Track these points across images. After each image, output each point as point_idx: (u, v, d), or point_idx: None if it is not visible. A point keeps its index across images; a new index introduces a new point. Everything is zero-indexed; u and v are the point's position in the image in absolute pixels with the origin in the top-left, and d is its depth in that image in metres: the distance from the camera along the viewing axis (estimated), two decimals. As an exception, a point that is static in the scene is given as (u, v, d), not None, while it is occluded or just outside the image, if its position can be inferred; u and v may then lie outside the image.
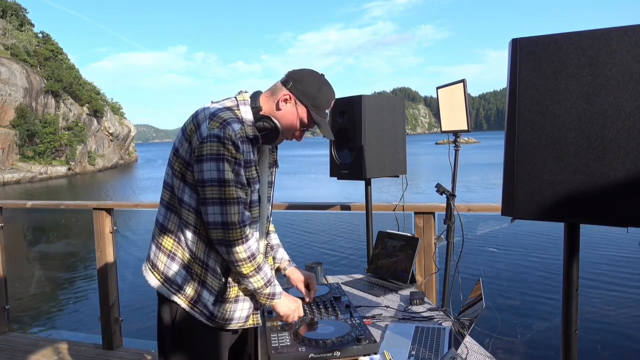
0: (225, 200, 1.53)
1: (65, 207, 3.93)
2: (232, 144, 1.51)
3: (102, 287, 3.53)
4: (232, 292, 1.65)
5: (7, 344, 3.69)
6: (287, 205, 3.24)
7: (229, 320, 1.66)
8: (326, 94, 1.65)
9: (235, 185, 1.54)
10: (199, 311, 1.63)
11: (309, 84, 1.63)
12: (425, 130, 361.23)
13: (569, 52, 1.07)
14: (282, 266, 1.95)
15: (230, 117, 1.55)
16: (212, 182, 1.52)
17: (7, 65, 43.74)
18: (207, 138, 1.51)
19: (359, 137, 2.62)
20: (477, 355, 1.54)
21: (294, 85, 1.61)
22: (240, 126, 1.56)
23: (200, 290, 1.63)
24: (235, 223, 1.53)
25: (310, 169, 37.28)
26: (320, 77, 1.66)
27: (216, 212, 1.53)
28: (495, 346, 3.62)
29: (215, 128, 1.52)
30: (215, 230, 1.54)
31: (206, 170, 1.52)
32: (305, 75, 1.64)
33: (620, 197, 1.03)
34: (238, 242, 1.54)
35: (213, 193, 1.53)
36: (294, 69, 1.67)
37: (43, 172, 45.07)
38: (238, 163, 1.54)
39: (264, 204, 1.75)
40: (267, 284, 1.63)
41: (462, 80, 2.41)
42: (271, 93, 1.65)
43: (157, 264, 1.66)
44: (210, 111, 1.58)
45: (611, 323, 4.76)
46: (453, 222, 2.58)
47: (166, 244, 1.66)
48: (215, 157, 1.51)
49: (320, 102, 1.64)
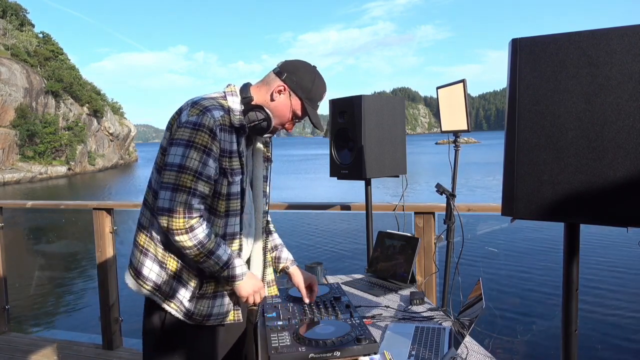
0: (177, 186, 1.49)
1: (65, 207, 3.93)
2: (207, 131, 1.49)
3: (102, 287, 3.53)
4: (209, 288, 1.63)
5: (7, 344, 3.69)
6: (287, 205, 3.24)
7: (207, 317, 1.63)
8: (319, 86, 1.66)
9: (194, 175, 1.49)
10: (176, 308, 1.61)
11: (304, 76, 1.63)
12: (425, 130, 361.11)
13: (569, 52, 1.07)
14: (285, 266, 1.94)
15: (211, 105, 1.54)
16: (172, 167, 1.50)
17: (7, 65, 43.75)
18: (184, 124, 1.51)
19: (359, 137, 2.62)
20: (477, 355, 1.54)
21: (288, 77, 1.61)
22: (222, 114, 1.54)
23: (176, 286, 1.60)
24: (179, 212, 1.48)
25: (311, 169, 37.29)
26: (314, 70, 1.67)
27: (165, 197, 1.49)
28: (495, 346, 3.62)
29: (194, 115, 1.51)
30: (161, 216, 1.50)
31: (172, 154, 1.51)
32: (300, 67, 1.64)
33: (620, 197, 1.03)
34: (180, 231, 1.49)
35: (169, 177, 1.50)
36: (287, 60, 1.67)
37: (43, 172, 45.08)
38: (208, 153, 1.50)
39: (258, 199, 1.74)
40: (223, 268, 1.58)
41: (462, 80, 2.41)
42: (263, 84, 1.65)
43: (132, 261, 1.65)
44: (193, 100, 1.58)
45: (611, 323, 4.76)
46: (453, 222, 2.58)
47: (140, 240, 1.65)
48: (185, 142, 1.49)
49: (314, 94, 1.64)
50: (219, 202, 1.60)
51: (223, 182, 1.58)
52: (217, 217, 1.61)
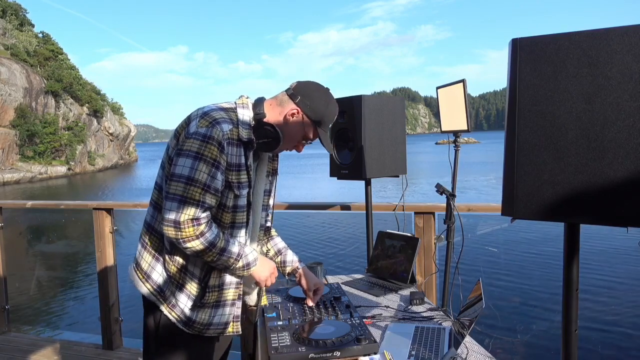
0: (186, 199, 1.48)
1: (65, 207, 3.93)
2: (216, 145, 1.48)
3: (102, 287, 3.53)
4: (211, 297, 1.61)
5: (7, 344, 3.69)
6: (287, 205, 3.24)
7: (207, 326, 1.62)
8: (332, 110, 1.65)
9: (202, 188, 1.49)
10: (177, 317, 1.60)
11: (318, 100, 1.61)
12: (425, 130, 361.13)
13: (569, 52, 1.07)
14: (293, 268, 1.93)
15: (221, 117, 1.53)
16: (180, 178, 1.49)
17: (7, 65, 43.73)
18: (192, 135, 1.50)
19: (359, 137, 2.62)
20: (477, 355, 1.54)
21: (302, 101, 1.60)
22: (231, 127, 1.53)
23: (178, 295, 1.59)
24: (187, 223, 1.47)
25: (311, 169, 37.29)
26: (327, 93, 1.65)
27: (173, 208, 1.48)
28: (495, 346, 3.62)
29: (204, 127, 1.50)
30: (168, 227, 1.48)
31: (179, 165, 1.50)
32: (314, 90, 1.63)
33: (620, 197, 1.03)
34: (190, 238, 1.49)
35: (177, 189, 1.49)
36: (301, 82, 1.65)
37: (43, 172, 45.06)
38: (217, 166, 1.50)
39: (256, 213, 1.74)
40: (237, 259, 1.58)
41: (462, 80, 2.41)
42: (277, 103, 1.63)
43: (141, 264, 1.64)
44: (203, 110, 1.57)
45: (611, 323, 4.76)
46: (453, 222, 2.58)
47: (152, 243, 1.63)
48: (194, 154, 1.48)
49: (327, 118, 1.64)
50: (223, 214, 1.59)
51: (229, 195, 1.57)
52: (222, 228, 1.60)
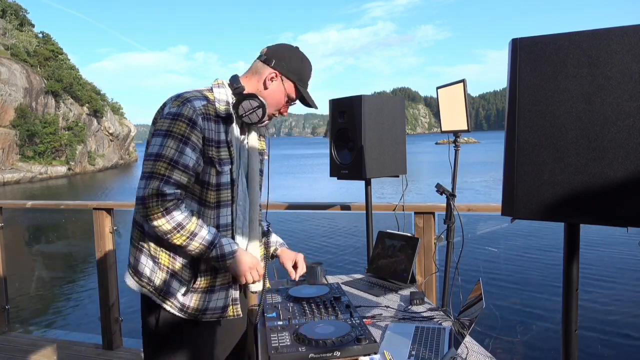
0: (152, 174, 1.48)
1: (65, 207, 3.93)
2: (186, 120, 1.50)
3: (102, 287, 3.53)
4: (204, 282, 1.61)
5: (7, 344, 3.69)
6: (287, 205, 3.24)
7: (202, 311, 1.62)
8: (307, 66, 1.70)
9: (169, 163, 1.49)
10: (170, 304, 1.60)
11: (292, 59, 1.66)
12: (425, 130, 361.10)
13: (569, 52, 1.07)
14: (275, 249, 1.95)
15: (192, 96, 1.56)
16: (150, 157, 1.51)
17: (7, 65, 43.73)
18: (165, 115, 1.53)
19: (359, 137, 2.62)
20: (477, 355, 1.54)
21: (277, 63, 1.64)
22: (205, 103, 1.55)
23: (170, 281, 1.59)
24: (152, 197, 1.46)
25: (310, 169, 37.29)
26: (298, 50, 1.70)
27: (140, 186, 1.49)
28: (495, 346, 3.62)
29: (175, 107, 1.53)
30: (137, 205, 1.49)
31: (151, 145, 1.53)
32: (286, 50, 1.67)
33: (621, 197, 1.03)
34: (156, 215, 1.47)
35: (146, 167, 1.50)
36: (270, 46, 1.69)
37: (43, 172, 45.06)
38: (185, 142, 1.50)
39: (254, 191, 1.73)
40: (209, 248, 1.55)
41: (462, 80, 2.41)
42: (252, 73, 1.67)
43: (130, 259, 1.65)
44: (177, 94, 1.60)
45: (611, 323, 4.76)
46: (453, 222, 2.58)
47: (134, 236, 1.65)
48: (163, 132, 1.51)
49: (304, 75, 1.69)
50: (208, 192, 1.59)
51: (211, 171, 1.58)
52: (208, 209, 1.60)
